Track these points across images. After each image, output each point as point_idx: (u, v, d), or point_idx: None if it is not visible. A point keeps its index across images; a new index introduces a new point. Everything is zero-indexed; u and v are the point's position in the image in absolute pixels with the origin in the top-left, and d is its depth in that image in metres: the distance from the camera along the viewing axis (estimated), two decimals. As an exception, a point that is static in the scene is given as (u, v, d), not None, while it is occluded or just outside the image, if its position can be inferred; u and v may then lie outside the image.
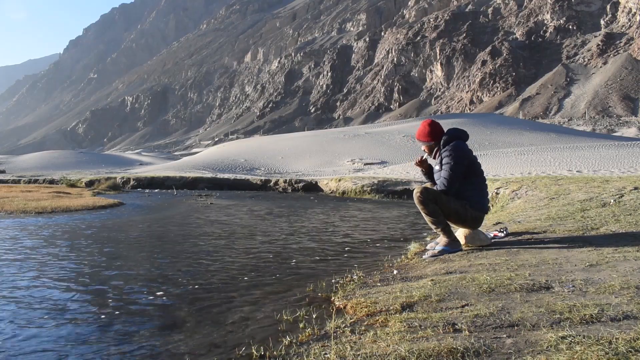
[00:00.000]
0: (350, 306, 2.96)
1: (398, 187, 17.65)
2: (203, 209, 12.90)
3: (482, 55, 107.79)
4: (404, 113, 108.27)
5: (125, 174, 31.38)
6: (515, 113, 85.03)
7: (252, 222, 9.79)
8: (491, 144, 32.16)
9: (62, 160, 53.19)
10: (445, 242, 4.24)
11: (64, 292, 4.07)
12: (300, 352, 2.33)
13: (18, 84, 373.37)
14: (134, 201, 16.36)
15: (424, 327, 2.27)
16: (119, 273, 4.85)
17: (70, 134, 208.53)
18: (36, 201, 13.36)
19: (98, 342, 2.85)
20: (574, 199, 6.88)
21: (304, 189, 22.30)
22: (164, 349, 2.72)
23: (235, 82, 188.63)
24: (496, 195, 10.66)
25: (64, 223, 9.39)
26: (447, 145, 4.26)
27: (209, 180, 26.56)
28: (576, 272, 3.02)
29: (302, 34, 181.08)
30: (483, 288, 2.83)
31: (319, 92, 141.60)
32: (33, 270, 4.92)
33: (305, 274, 4.50)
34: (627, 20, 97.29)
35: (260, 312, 3.28)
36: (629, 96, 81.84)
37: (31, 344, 2.82)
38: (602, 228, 4.53)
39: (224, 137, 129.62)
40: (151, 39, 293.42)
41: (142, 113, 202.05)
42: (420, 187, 4.21)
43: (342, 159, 32.20)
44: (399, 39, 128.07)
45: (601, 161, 18.69)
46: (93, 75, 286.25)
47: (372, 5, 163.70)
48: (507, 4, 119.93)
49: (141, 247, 6.78)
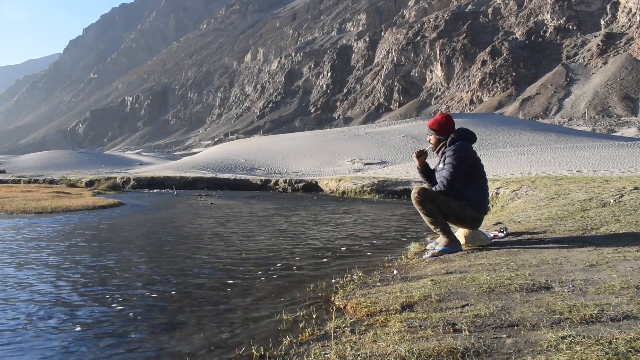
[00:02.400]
0: (350, 306, 2.96)
1: (398, 187, 17.65)
2: (203, 209, 12.90)
3: (482, 55, 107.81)
4: (404, 113, 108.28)
5: (125, 174, 31.39)
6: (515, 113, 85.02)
7: (252, 222, 9.79)
8: (491, 144, 32.16)
9: (62, 160, 53.20)
10: (445, 242, 4.24)
11: (63, 291, 4.07)
12: (300, 352, 2.33)
13: (18, 84, 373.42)
14: (134, 201, 16.36)
15: (424, 327, 2.27)
16: (118, 273, 4.85)
17: (70, 134, 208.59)
18: (36, 201, 13.36)
19: (97, 342, 2.85)
20: (574, 199, 6.88)
21: (304, 189, 22.30)
22: (164, 349, 2.72)
23: (235, 82, 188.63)
24: (496, 195, 10.67)
25: (63, 223, 9.39)
26: (452, 144, 4.25)
27: (209, 180, 26.56)
28: (576, 272, 3.02)
29: (302, 34, 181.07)
30: (483, 288, 2.83)
31: (319, 92, 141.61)
32: (32, 270, 4.92)
33: (305, 274, 4.50)
34: (627, 20, 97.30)
35: (260, 312, 3.29)
36: (629, 96, 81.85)
37: (31, 344, 2.82)
38: (602, 228, 4.53)
39: (224, 137, 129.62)
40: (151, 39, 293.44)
41: (142, 113, 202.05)
42: (418, 188, 4.20)
43: (342, 159, 32.21)
44: (399, 39, 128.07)
45: (601, 161, 18.70)
46: (93, 75, 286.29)
47: (372, 5, 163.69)
48: (507, 4, 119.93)
49: (141, 247, 6.78)
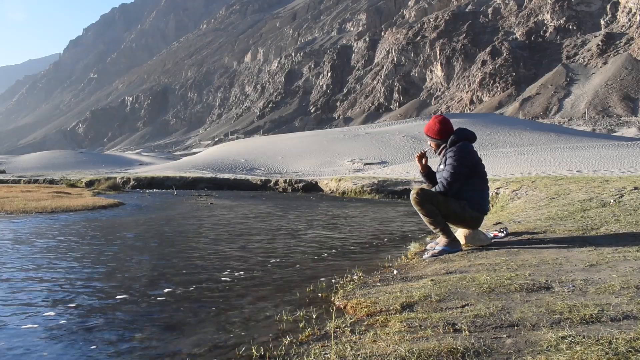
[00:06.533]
0: (350, 306, 2.96)
1: (398, 187, 17.65)
2: (203, 209, 12.91)
3: (482, 55, 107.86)
4: (404, 113, 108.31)
5: (125, 174, 31.39)
6: (515, 113, 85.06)
7: (251, 222, 9.79)
8: (491, 144, 32.18)
9: (62, 160, 53.22)
10: (445, 242, 4.24)
11: (62, 291, 4.07)
12: (300, 352, 2.32)
13: (18, 84, 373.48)
14: (134, 201, 16.36)
15: (424, 327, 2.27)
16: (118, 273, 4.85)
17: (70, 134, 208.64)
18: (36, 201, 13.35)
19: (97, 341, 2.85)
20: (574, 199, 6.88)
21: (304, 189, 22.30)
22: (164, 348, 2.72)
23: (235, 82, 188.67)
24: (496, 195, 10.67)
25: (63, 223, 9.39)
26: (453, 145, 4.25)
27: (209, 180, 26.56)
28: (576, 272, 3.02)
29: (302, 34, 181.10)
30: (483, 288, 2.83)
31: (319, 92, 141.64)
32: (32, 270, 4.91)
33: (305, 274, 4.49)
34: (627, 20, 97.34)
35: (260, 312, 3.28)
36: (629, 96, 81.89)
37: (30, 344, 2.82)
38: (602, 228, 4.53)
39: (224, 137, 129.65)
40: (151, 39, 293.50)
41: (142, 113, 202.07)
42: (417, 188, 4.20)
43: (342, 159, 32.23)
44: (399, 39, 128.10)
45: (601, 161, 18.71)
46: (93, 75, 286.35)
47: (372, 5, 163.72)
48: (507, 4, 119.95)
49: (141, 247, 6.78)
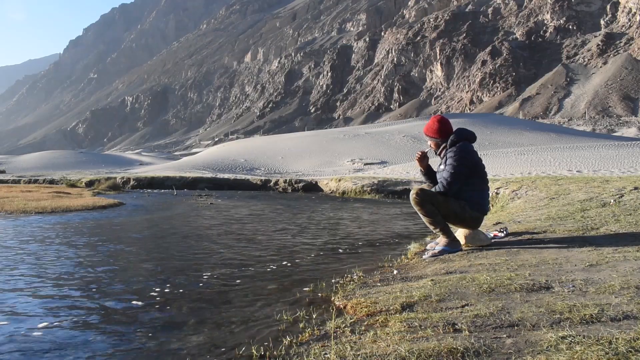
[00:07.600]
0: (350, 306, 2.96)
1: (398, 187, 17.65)
2: (203, 209, 12.90)
3: (482, 55, 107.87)
4: (404, 113, 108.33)
5: (125, 174, 31.39)
6: (515, 113, 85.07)
7: (251, 222, 9.79)
8: (491, 144, 32.18)
9: (62, 160, 53.21)
10: (445, 242, 4.24)
11: (62, 291, 4.07)
12: (300, 352, 2.32)
13: (18, 84, 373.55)
14: (134, 201, 16.36)
15: (424, 327, 2.27)
16: (118, 273, 4.85)
17: (70, 134, 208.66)
18: (36, 201, 13.35)
19: (97, 341, 2.85)
20: (574, 199, 6.88)
21: (304, 189, 22.30)
22: (164, 349, 2.72)
23: (235, 82, 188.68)
24: (496, 195, 10.67)
25: (64, 223, 9.39)
26: (453, 145, 4.25)
27: (209, 180, 26.56)
28: (576, 272, 3.02)
29: (302, 34, 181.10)
30: (483, 288, 2.83)
31: (319, 92, 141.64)
32: (32, 270, 4.91)
33: (305, 274, 4.49)
34: (627, 20, 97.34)
35: (260, 312, 3.28)
36: (629, 96, 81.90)
37: (30, 343, 2.82)
38: (602, 228, 4.53)
39: (224, 137, 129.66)
40: (151, 39, 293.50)
41: (142, 113, 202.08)
42: (417, 188, 4.20)
43: (342, 159, 32.23)
44: (399, 39, 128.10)
45: (601, 161, 18.71)
46: (93, 75, 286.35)
47: (372, 5, 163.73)
48: (507, 4, 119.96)
49: (141, 247, 6.78)
